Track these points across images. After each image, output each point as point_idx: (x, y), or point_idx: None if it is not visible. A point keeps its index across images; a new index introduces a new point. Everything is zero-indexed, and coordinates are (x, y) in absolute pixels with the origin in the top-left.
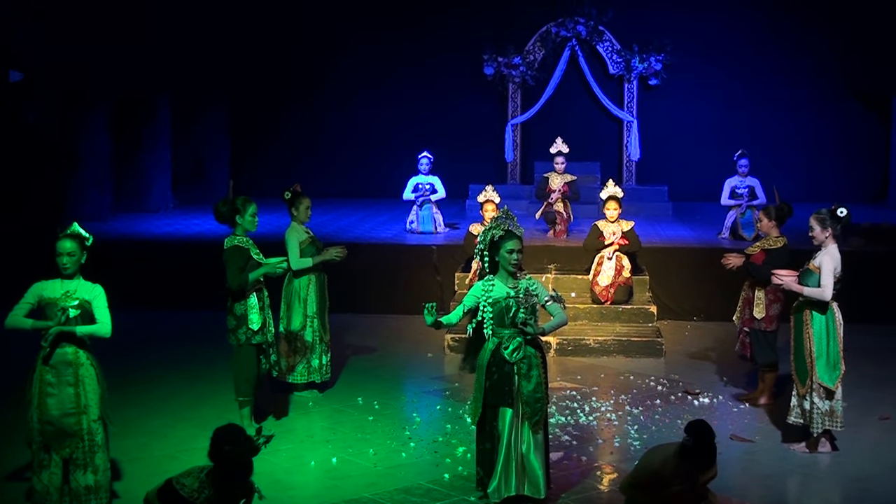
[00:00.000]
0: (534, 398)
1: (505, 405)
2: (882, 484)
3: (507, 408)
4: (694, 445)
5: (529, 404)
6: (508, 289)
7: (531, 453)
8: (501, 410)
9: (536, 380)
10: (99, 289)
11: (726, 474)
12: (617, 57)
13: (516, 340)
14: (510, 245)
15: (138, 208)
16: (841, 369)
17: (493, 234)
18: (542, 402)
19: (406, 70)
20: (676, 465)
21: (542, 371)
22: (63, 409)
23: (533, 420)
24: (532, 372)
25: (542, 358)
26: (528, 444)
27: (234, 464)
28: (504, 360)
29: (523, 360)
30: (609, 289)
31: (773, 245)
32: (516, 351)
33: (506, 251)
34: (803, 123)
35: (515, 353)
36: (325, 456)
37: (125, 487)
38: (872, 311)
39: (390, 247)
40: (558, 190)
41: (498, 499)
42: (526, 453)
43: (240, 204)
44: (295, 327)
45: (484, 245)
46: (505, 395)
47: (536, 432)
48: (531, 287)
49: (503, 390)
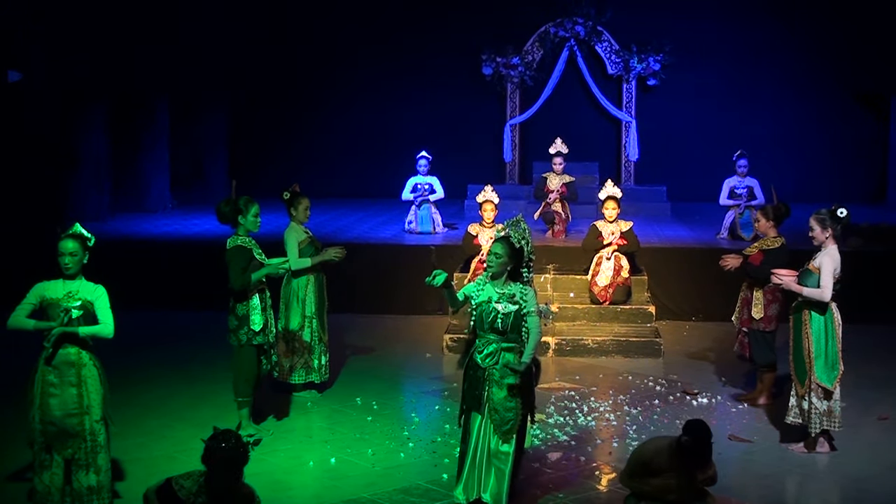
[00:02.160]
0: (504, 406)
1: (475, 410)
2: (880, 484)
3: (477, 413)
4: (691, 444)
5: (499, 412)
6: (495, 292)
7: (495, 462)
8: (472, 415)
9: (509, 389)
10: (101, 289)
11: (725, 474)
12: (615, 57)
13: (492, 346)
14: (493, 247)
15: (137, 209)
16: (839, 369)
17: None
18: (515, 411)
19: (405, 70)
20: (670, 457)
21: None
22: (65, 410)
23: (502, 429)
24: (507, 380)
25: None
26: (495, 452)
27: (224, 462)
28: (477, 365)
29: (496, 367)
30: (608, 289)
31: (771, 245)
32: (490, 357)
33: (491, 253)
34: (802, 123)
35: (488, 359)
36: (323, 456)
37: (125, 488)
38: (871, 311)
39: (389, 247)
40: (557, 190)
41: (463, 501)
42: (490, 461)
43: (242, 204)
44: (293, 327)
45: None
46: (475, 400)
47: (506, 441)
48: (520, 294)
49: (474, 395)
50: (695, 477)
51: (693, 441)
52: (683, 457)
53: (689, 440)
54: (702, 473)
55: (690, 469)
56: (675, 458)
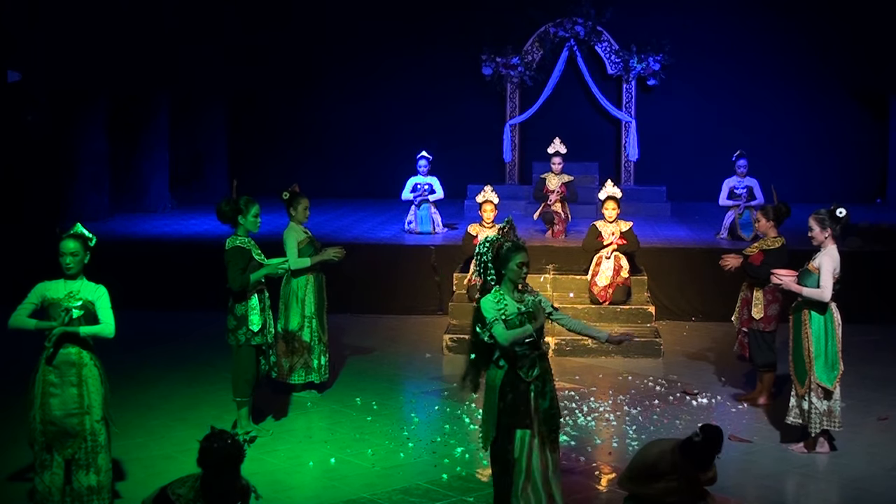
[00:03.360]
0: (550, 415)
1: (521, 426)
2: (880, 484)
3: (523, 429)
4: (700, 444)
5: (547, 422)
6: (517, 304)
7: (551, 473)
8: (516, 432)
9: (551, 395)
10: (102, 289)
11: (724, 474)
12: (615, 57)
13: (529, 358)
14: (519, 258)
15: (136, 209)
16: (839, 369)
17: (503, 245)
18: (558, 416)
19: (405, 70)
20: (673, 459)
21: (554, 385)
22: (66, 410)
23: (551, 438)
24: (547, 388)
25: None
26: (547, 464)
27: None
28: (519, 379)
29: (538, 378)
30: (607, 289)
31: (771, 245)
32: (532, 369)
33: (515, 265)
34: (801, 124)
35: (531, 371)
36: (323, 456)
37: (125, 488)
38: (871, 311)
39: (389, 247)
40: (556, 191)
41: None
42: (545, 474)
43: (243, 204)
44: (293, 327)
45: (489, 257)
46: (521, 416)
47: (554, 451)
48: (541, 301)
49: (518, 410)
50: (698, 478)
51: (704, 441)
52: (688, 454)
53: (700, 439)
54: (703, 475)
55: (691, 469)
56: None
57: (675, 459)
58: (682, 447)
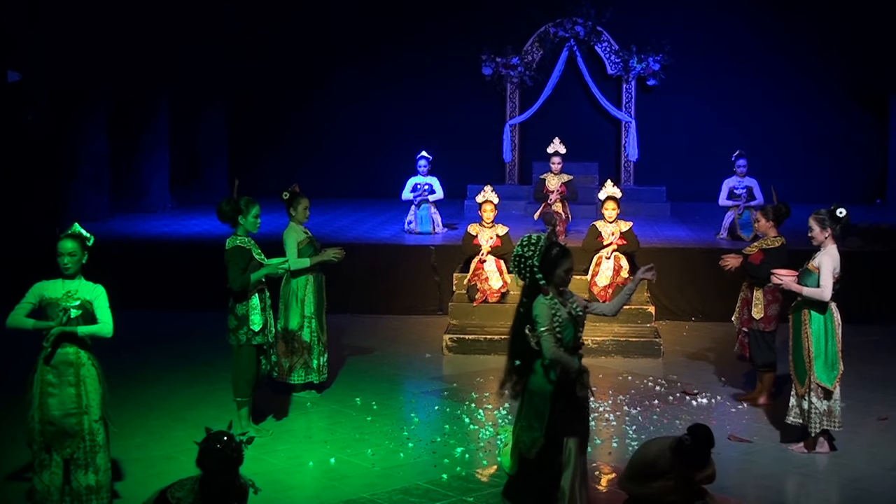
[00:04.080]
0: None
1: (572, 434)
2: (880, 484)
3: (574, 437)
4: (689, 446)
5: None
6: (566, 309)
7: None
8: (565, 441)
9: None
10: (100, 289)
11: (724, 474)
12: (615, 57)
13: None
14: (567, 264)
15: (136, 209)
16: (839, 369)
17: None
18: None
19: (404, 70)
20: (671, 458)
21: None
22: (64, 410)
23: (588, 442)
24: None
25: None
26: (585, 468)
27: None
28: (573, 386)
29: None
30: (607, 289)
31: (770, 245)
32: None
33: (563, 270)
34: (801, 124)
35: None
36: (323, 456)
37: (124, 487)
38: (871, 311)
39: (388, 247)
40: (556, 191)
41: None
42: (584, 478)
43: (243, 204)
44: (293, 327)
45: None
46: (575, 424)
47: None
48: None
49: (579, 416)
50: (693, 477)
51: (693, 443)
52: (680, 455)
53: (689, 441)
54: (700, 473)
55: (687, 468)
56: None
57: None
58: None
